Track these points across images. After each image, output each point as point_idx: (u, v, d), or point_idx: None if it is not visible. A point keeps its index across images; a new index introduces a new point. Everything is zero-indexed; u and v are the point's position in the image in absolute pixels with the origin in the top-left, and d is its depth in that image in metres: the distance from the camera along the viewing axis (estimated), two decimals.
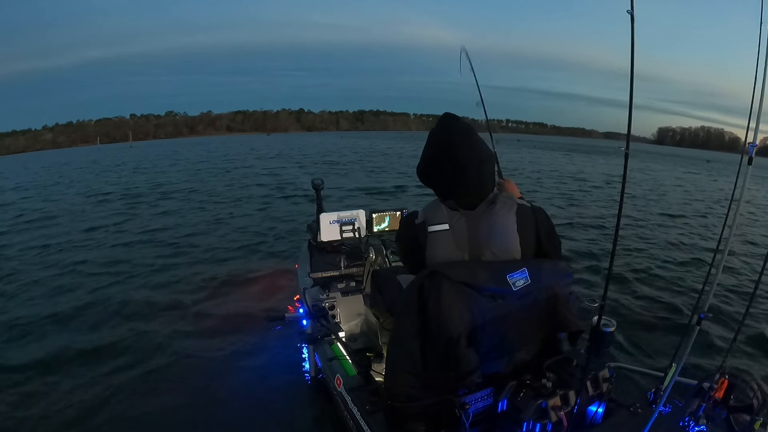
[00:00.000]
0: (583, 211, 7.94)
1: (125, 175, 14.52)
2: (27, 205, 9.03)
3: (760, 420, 1.26)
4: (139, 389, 2.38)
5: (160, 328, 3.10)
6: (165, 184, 11.62)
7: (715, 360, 2.55)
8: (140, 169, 17.15)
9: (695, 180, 16.76)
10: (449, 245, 1.26)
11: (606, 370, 1.29)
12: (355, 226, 2.61)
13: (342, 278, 2.41)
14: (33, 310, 3.43)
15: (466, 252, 1.27)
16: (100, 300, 3.63)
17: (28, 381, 2.46)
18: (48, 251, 5.21)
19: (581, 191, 10.86)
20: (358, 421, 1.47)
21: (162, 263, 4.65)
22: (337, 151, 24.69)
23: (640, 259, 5.13)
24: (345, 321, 2.25)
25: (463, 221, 1.27)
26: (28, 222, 7.07)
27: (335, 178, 11.58)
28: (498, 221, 1.26)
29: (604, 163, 21.89)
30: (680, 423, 1.28)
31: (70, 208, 8.34)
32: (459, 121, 1.31)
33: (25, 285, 4.02)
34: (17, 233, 6.30)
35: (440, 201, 1.32)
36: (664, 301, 3.78)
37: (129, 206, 8.14)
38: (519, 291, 1.22)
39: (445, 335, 1.17)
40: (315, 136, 75.88)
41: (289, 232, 5.97)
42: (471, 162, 1.26)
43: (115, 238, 5.86)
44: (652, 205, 9.07)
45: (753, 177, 1.24)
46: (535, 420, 1.16)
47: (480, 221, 1.27)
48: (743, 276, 4.57)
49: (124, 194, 9.79)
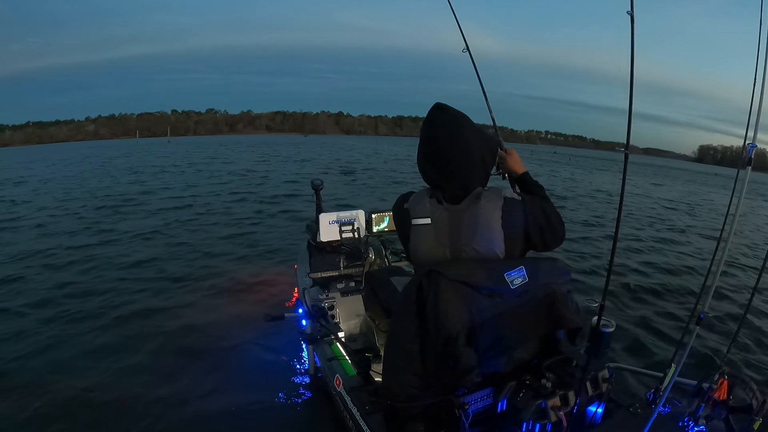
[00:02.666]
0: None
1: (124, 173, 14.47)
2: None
3: (759, 420, 1.26)
4: (135, 389, 2.38)
5: (159, 328, 3.10)
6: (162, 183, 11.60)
7: (715, 361, 2.56)
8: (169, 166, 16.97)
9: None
10: (430, 239, 1.27)
11: (605, 371, 1.29)
12: (354, 226, 2.61)
13: (341, 278, 2.40)
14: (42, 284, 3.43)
15: (447, 247, 1.26)
16: (100, 300, 3.63)
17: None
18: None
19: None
20: (357, 421, 1.47)
21: (160, 263, 4.65)
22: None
23: (640, 259, 5.14)
24: (344, 321, 2.25)
25: (446, 215, 1.26)
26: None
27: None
28: (481, 217, 1.23)
29: (655, 184, 19.29)
30: (680, 423, 1.29)
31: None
32: (445, 111, 1.27)
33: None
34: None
35: (427, 192, 1.31)
36: (663, 302, 3.79)
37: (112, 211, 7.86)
38: (517, 289, 1.22)
39: (443, 334, 1.16)
40: (353, 139, 75.06)
41: (288, 231, 5.97)
42: (454, 154, 1.23)
43: (100, 237, 5.84)
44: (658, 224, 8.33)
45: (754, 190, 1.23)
46: (535, 420, 1.16)
47: (463, 216, 1.25)
48: (743, 277, 4.58)
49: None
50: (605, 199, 11.62)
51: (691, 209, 11.34)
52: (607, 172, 24.19)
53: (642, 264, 4.97)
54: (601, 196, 12.38)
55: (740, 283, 4.32)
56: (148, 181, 12.03)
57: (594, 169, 26.38)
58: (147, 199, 8.91)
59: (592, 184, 16.17)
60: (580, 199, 11.28)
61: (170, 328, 3.09)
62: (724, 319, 3.35)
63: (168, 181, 12.22)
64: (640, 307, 3.66)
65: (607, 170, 25.52)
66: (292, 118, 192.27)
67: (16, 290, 3.83)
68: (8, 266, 4.49)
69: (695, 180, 27.80)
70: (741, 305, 3.54)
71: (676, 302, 3.81)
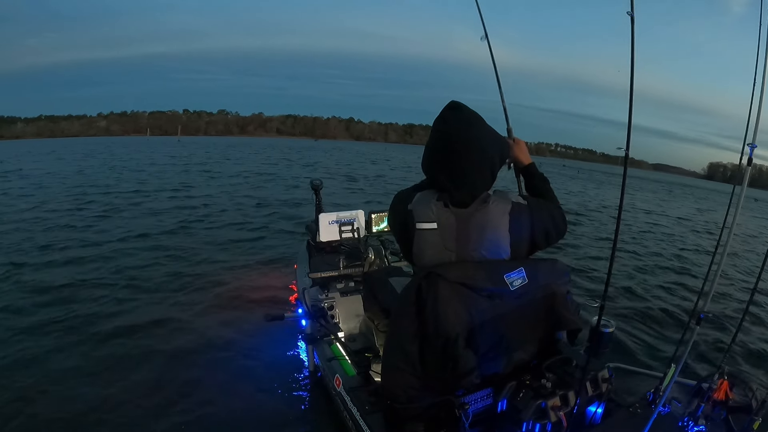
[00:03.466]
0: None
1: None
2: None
3: (758, 420, 1.26)
4: (136, 390, 2.37)
5: (158, 328, 3.09)
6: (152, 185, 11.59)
7: (715, 361, 2.56)
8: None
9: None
10: (437, 245, 1.23)
11: (605, 371, 1.29)
12: (354, 227, 2.61)
13: (341, 278, 2.40)
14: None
15: (454, 252, 1.23)
16: (99, 300, 3.62)
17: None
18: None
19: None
20: (357, 421, 1.47)
21: (159, 263, 4.64)
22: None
23: (640, 259, 5.14)
24: (344, 321, 2.24)
25: (453, 220, 1.23)
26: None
27: None
28: (489, 222, 1.21)
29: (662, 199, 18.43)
30: (680, 423, 1.29)
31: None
32: (461, 110, 1.21)
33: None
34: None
35: (433, 194, 1.26)
36: (663, 302, 3.79)
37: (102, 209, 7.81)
38: (516, 290, 1.22)
39: (443, 336, 1.16)
40: (363, 145, 74.14)
41: (289, 231, 5.97)
42: (466, 155, 1.19)
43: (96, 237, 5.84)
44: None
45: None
46: (535, 420, 1.16)
47: (470, 221, 1.22)
48: (743, 277, 4.58)
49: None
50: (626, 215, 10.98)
51: (700, 225, 11.00)
52: (617, 187, 23.47)
53: (643, 264, 4.98)
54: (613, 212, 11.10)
55: (740, 283, 4.32)
56: (148, 180, 12.03)
57: (604, 183, 25.73)
58: (147, 199, 8.91)
59: (605, 200, 15.24)
60: (592, 215, 10.64)
61: (170, 328, 3.09)
62: (723, 319, 3.35)
63: (167, 180, 12.21)
64: (641, 306, 3.67)
65: (617, 185, 24.86)
66: (303, 122, 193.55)
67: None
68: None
69: (708, 198, 26.55)
70: (741, 305, 3.54)
71: (676, 302, 3.81)
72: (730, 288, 4.13)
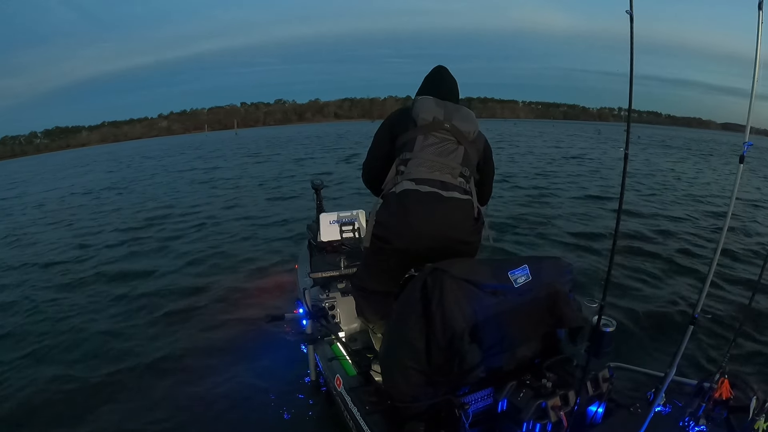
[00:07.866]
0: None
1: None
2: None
3: (759, 420, 1.26)
4: (138, 389, 2.38)
5: (159, 328, 3.10)
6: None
7: (715, 360, 2.55)
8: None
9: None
10: (430, 105, 1.52)
11: (606, 370, 1.29)
12: (355, 226, 2.61)
13: (342, 278, 2.40)
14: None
15: (442, 108, 1.52)
16: (98, 299, 3.63)
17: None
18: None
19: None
20: (357, 421, 1.47)
21: (158, 263, 4.65)
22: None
23: (640, 259, 5.12)
24: (345, 321, 2.24)
25: (441, 101, 1.57)
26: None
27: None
28: (466, 110, 1.57)
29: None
30: (680, 423, 1.29)
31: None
32: (444, 67, 1.70)
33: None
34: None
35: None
36: (665, 301, 3.78)
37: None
38: (520, 287, 1.24)
39: (448, 331, 1.17)
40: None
41: (289, 231, 5.96)
42: (448, 79, 1.65)
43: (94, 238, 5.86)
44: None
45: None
46: (535, 420, 1.16)
47: (455, 107, 1.57)
48: (744, 276, 4.56)
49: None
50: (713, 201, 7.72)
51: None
52: (690, 158, 17.07)
53: (644, 264, 4.96)
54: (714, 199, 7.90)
55: (741, 282, 4.30)
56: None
57: (673, 153, 19.00)
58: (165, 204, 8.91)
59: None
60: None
61: (169, 329, 3.09)
62: (725, 318, 3.34)
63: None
64: (641, 306, 3.65)
65: (687, 157, 17.72)
66: (360, 104, 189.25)
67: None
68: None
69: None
70: (742, 305, 3.53)
71: (676, 302, 3.80)
72: (732, 287, 4.11)
